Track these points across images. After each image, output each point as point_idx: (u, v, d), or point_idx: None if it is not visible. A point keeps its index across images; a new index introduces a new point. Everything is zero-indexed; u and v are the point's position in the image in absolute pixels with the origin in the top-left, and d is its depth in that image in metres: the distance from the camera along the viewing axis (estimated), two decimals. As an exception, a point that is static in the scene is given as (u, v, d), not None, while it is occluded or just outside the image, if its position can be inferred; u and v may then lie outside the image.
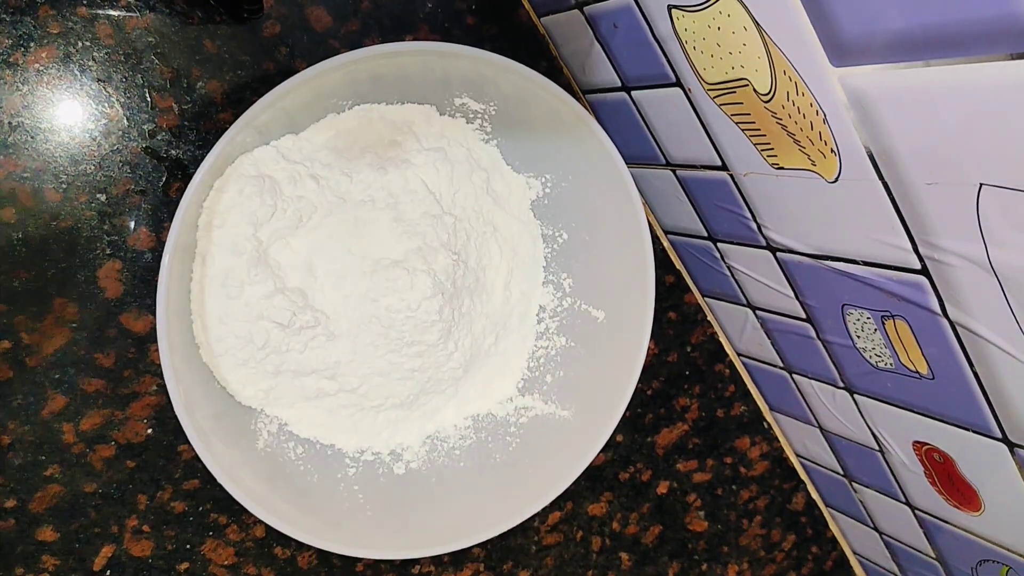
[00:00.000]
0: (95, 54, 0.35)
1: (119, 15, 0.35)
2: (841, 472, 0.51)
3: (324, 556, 0.43)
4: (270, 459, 0.38)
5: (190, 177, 0.32)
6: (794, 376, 0.48)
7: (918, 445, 0.41)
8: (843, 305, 0.38)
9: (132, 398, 0.38)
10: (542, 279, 0.46)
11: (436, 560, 0.46)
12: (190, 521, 0.40)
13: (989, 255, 0.28)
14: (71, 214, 0.36)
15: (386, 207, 0.39)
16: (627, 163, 0.40)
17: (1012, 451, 0.35)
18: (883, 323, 0.36)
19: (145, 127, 0.37)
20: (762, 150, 0.36)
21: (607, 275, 0.43)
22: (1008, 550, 0.40)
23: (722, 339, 0.53)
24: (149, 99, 0.36)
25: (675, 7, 0.34)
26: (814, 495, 0.57)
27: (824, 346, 0.42)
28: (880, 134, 0.29)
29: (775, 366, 0.49)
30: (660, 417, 0.52)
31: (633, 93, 0.42)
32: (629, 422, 0.51)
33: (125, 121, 0.36)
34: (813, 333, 0.43)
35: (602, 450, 0.42)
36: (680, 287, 0.51)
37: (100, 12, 0.35)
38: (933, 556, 0.47)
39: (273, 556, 0.42)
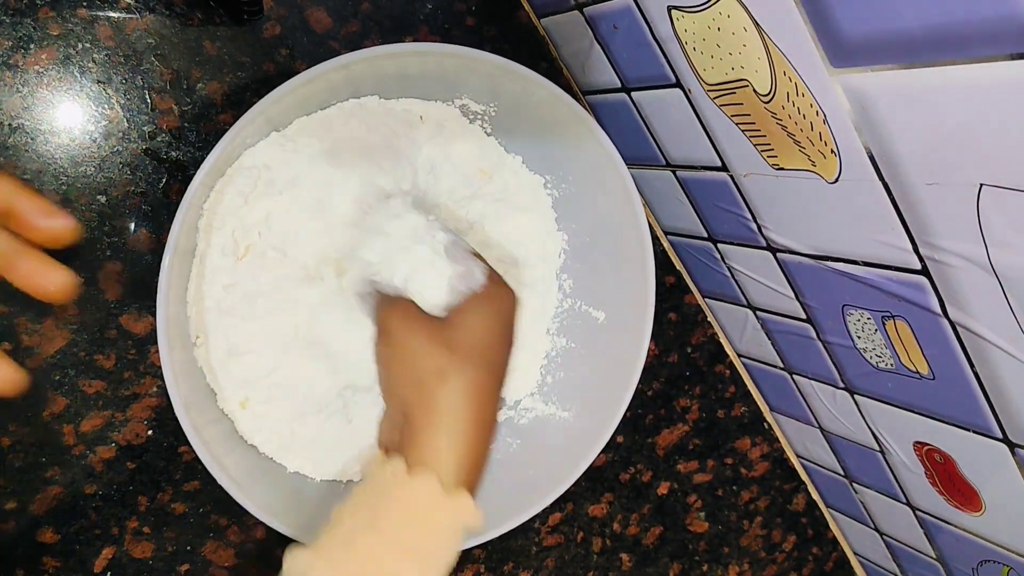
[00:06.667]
0: (95, 56, 0.35)
1: (119, 17, 0.35)
2: (842, 473, 0.51)
3: (324, 557, 0.43)
4: (271, 460, 0.38)
5: (190, 179, 0.32)
6: (794, 377, 0.48)
7: (919, 445, 0.41)
8: (843, 306, 0.38)
9: (132, 400, 0.38)
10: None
11: (437, 561, 0.46)
12: (190, 523, 0.40)
13: (989, 255, 0.28)
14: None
15: (386, 207, 0.39)
16: (627, 164, 0.40)
17: (1013, 451, 0.35)
18: (883, 323, 0.36)
19: (145, 129, 0.37)
20: (762, 151, 0.36)
21: (607, 276, 0.43)
22: (1009, 550, 0.40)
23: (722, 340, 0.53)
24: (149, 101, 0.36)
25: (675, 8, 0.34)
26: (815, 496, 0.57)
27: (824, 347, 0.42)
28: (880, 134, 0.29)
29: (775, 367, 0.49)
30: (660, 418, 0.52)
31: (633, 94, 0.42)
32: (630, 423, 0.51)
33: (125, 123, 0.36)
34: (813, 334, 0.43)
35: (603, 451, 0.42)
36: (680, 288, 0.51)
37: (100, 14, 0.35)
38: (934, 556, 0.47)
39: (274, 558, 0.42)
